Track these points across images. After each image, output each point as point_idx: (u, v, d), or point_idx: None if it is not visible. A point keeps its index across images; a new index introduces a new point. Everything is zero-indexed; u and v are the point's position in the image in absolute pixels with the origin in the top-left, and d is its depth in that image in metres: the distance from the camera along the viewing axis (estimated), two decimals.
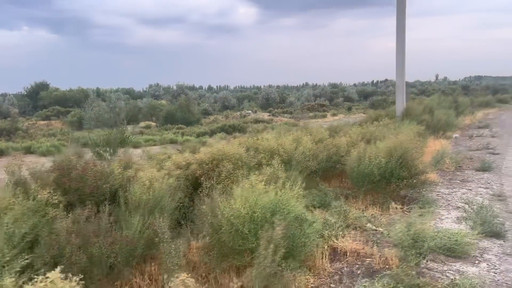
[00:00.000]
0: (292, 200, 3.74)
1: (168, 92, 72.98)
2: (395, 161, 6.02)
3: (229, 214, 3.46)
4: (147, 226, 3.66)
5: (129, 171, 4.58)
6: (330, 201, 5.94)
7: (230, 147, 5.77)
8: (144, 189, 4.06)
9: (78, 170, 4.13)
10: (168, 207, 4.08)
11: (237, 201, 3.57)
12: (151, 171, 4.68)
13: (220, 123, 37.73)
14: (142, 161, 6.27)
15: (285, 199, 3.64)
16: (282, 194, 3.76)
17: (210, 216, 3.64)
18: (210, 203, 3.79)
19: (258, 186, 3.79)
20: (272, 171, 5.55)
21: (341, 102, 59.22)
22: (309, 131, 8.92)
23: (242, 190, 3.78)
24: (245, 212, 3.43)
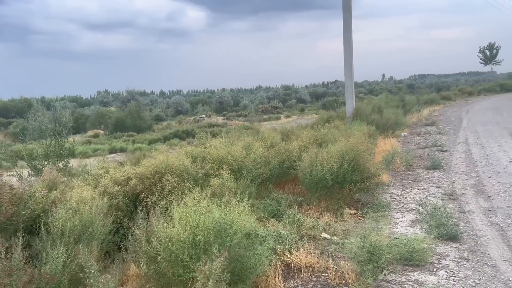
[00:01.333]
0: (240, 217, 3.37)
1: (118, 99, 70.69)
2: (347, 165, 5.83)
3: (166, 240, 3.04)
4: (71, 259, 3.15)
5: (54, 193, 4.03)
6: (283, 210, 5.64)
7: (174, 159, 5.33)
8: (70, 214, 3.54)
9: None
10: (98, 233, 3.59)
11: (176, 223, 3.15)
12: (81, 190, 4.15)
13: (173, 128, 36.81)
14: (75, 178, 5.69)
15: (231, 218, 3.26)
16: (228, 211, 3.38)
17: (145, 243, 3.20)
18: (145, 226, 3.35)
19: (200, 204, 3.39)
20: (221, 182, 5.19)
21: (294, 104, 59.85)
22: (261, 136, 8.64)
23: (183, 209, 3.36)
24: (185, 236, 3.03)
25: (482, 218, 5.53)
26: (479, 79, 71.04)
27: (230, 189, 5.15)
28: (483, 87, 45.01)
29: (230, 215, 3.28)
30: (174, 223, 3.21)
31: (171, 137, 30.99)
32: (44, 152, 10.82)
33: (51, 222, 3.47)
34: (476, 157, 9.90)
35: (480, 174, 8.10)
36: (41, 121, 39.97)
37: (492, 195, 6.62)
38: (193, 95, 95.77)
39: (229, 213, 3.32)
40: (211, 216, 3.19)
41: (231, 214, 3.32)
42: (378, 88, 63.70)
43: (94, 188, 4.98)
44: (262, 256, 3.46)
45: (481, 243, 4.68)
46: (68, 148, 11.15)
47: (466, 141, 12.44)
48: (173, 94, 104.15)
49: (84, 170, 8.22)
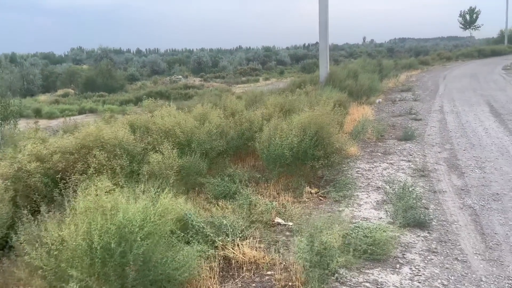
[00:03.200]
0: (156, 212, 2.70)
1: (91, 57, 67.82)
2: (308, 139, 5.18)
3: (54, 246, 2.36)
4: None
5: None
6: (236, 189, 5.01)
7: (107, 129, 4.56)
8: None
9: None
10: None
11: (70, 225, 2.46)
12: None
13: (147, 89, 35.42)
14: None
15: (141, 216, 2.58)
16: (144, 206, 2.70)
17: (29, 247, 2.50)
18: (32, 229, 2.64)
19: (104, 198, 2.69)
20: (161, 159, 4.48)
21: (273, 66, 58.54)
22: (222, 102, 7.88)
23: (87, 203, 2.66)
24: (76, 243, 2.35)
25: (455, 199, 5.04)
26: (458, 44, 70.75)
27: (171, 167, 4.47)
28: (461, 52, 44.60)
29: (142, 212, 2.59)
30: (71, 221, 2.52)
31: (144, 99, 29.80)
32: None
33: None
34: (451, 127, 9.43)
35: (454, 146, 7.63)
36: (8, 79, 37.76)
37: (466, 171, 6.15)
38: (171, 54, 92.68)
39: (144, 209, 2.63)
40: (115, 215, 2.50)
41: (145, 210, 2.63)
42: (358, 51, 62.72)
43: (10, 164, 4.23)
44: (189, 258, 2.83)
45: (452, 231, 4.18)
46: (12, 110, 10.08)
47: (442, 109, 11.97)
48: (150, 53, 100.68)
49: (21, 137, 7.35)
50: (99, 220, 2.39)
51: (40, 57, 73.40)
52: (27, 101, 30.37)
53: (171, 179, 4.37)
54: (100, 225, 2.37)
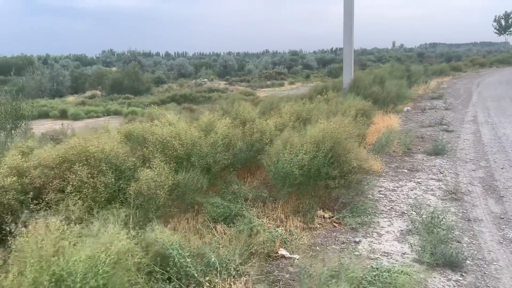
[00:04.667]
0: (112, 260, 2.16)
1: (121, 59, 68.98)
2: (322, 156, 4.55)
3: None
4: None
5: None
6: (238, 211, 4.43)
7: (93, 141, 4.08)
8: None
9: None
10: None
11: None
12: None
13: (172, 92, 35.44)
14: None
15: (90, 264, 2.04)
16: (89, 255, 2.15)
17: None
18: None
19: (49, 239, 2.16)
20: (152, 175, 3.96)
21: (299, 70, 57.89)
22: (235, 110, 7.32)
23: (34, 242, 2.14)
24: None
25: (493, 231, 4.29)
26: (492, 49, 68.03)
27: (162, 186, 3.94)
28: (496, 58, 42.61)
29: (86, 261, 2.05)
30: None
31: (168, 101, 29.72)
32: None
33: None
34: (486, 140, 8.56)
35: (490, 163, 6.81)
36: (39, 80, 38.45)
37: (505, 194, 5.36)
38: (198, 57, 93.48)
39: (89, 258, 2.09)
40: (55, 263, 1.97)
41: (92, 258, 2.09)
42: (387, 56, 61.27)
43: None
44: None
45: (491, 273, 3.47)
46: (23, 114, 9.86)
47: (476, 119, 11.03)
48: (179, 56, 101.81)
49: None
50: (33, 270, 1.87)
51: (73, 59, 75.23)
52: (55, 102, 30.88)
53: (161, 200, 3.84)
54: (33, 276, 1.85)
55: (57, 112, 26.27)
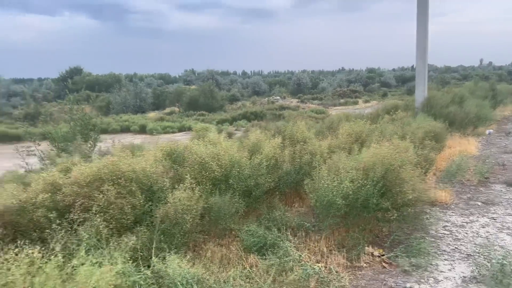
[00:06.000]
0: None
1: (200, 78, 72.11)
2: (372, 185, 4.02)
3: None
4: None
5: None
6: (275, 241, 4.05)
7: (126, 160, 3.99)
8: None
9: None
10: None
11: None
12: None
13: (244, 109, 36.03)
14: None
15: None
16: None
17: None
18: None
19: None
20: (180, 198, 3.75)
21: (376, 88, 55.88)
22: (289, 129, 6.96)
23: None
24: None
25: None
26: None
27: (190, 210, 3.70)
28: None
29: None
30: None
31: (239, 118, 30.24)
32: (71, 132, 10.15)
33: None
34: None
35: None
36: (124, 97, 41.40)
37: None
38: (273, 76, 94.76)
39: None
40: None
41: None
42: (473, 74, 56.82)
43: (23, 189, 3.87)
44: None
45: None
46: (91, 129, 10.36)
47: None
48: (254, 74, 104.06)
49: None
50: None
51: (157, 77, 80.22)
52: (136, 117, 32.85)
53: (187, 225, 3.60)
54: None
55: (137, 127, 27.81)
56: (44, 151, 8.91)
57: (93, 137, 10.08)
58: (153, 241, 3.44)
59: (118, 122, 28.39)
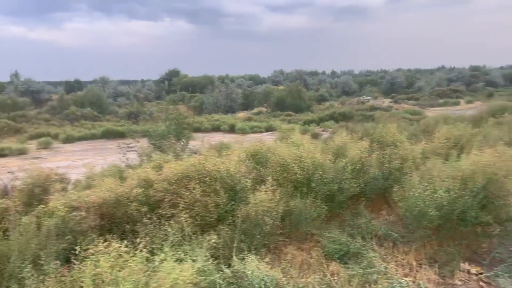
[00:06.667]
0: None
1: (288, 78, 72.51)
2: (471, 196, 3.62)
3: None
4: None
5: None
6: (359, 250, 3.86)
7: (212, 159, 4.10)
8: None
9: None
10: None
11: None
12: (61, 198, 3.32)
13: (332, 110, 35.39)
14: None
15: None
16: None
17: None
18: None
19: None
20: (260, 200, 3.74)
21: (480, 87, 51.07)
22: (379, 132, 6.61)
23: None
24: None
25: None
26: None
27: (270, 212, 3.68)
28: None
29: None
30: None
31: (326, 119, 29.80)
32: (166, 131, 10.81)
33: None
34: None
35: None
36: (216, 97, 43.37)
37: None
38: (364, 75, 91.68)
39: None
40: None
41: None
42: None
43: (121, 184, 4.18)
44: None
45: None
46: (184, 128, 10.90)
47: None
48: (344, 74, 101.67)
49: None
50: None
51: (247, 78, 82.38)
52: (227, 117, 34.06)
53: (267, 227, 3.59)
54: None
55: (227, 126, 28.79)
56: (142, 147, 9.62)
57: (186, 136, 10.63)
58: (234, 241, 3.49)
59: (210, 122, 29.68)
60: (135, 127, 23.00)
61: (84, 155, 17.78)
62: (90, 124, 28.72)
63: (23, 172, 3.81)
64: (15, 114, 30.08)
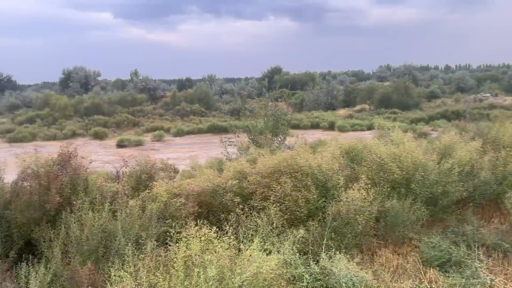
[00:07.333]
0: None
1: (395, 74, 68.88)
2: None
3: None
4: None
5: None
6: (461, 259, 3.52)
7: (304, 155, 4.08)
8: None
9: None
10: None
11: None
12: (161, 184, 3.60)
13: (444, 108, 32.78)
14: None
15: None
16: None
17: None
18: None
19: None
20: (355, 198, 3.63)
21: None
22: (494, 132, 5.95)
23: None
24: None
25: None
26: None
27: (363, 212, 3.55)
28: None
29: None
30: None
31: (437, 117, 27.70)
32: (264, 127, 11.03)
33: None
34: None
35: None
36: (316, 94, 43.10)
37: None
38: (484, 70, 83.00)
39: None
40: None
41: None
42: None
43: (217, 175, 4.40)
44: None
45: None
46: (282, 124, 10.98)
47: None
48: (460, 69, 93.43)
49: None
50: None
51: (350, 75, 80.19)
52: (327, 114, 33.63)
53: (359, 227, 3.47)
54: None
55: (326, 123, 28.42)
56: (242, 142, 9.98)
57: (283, 132, 10.74)
58: (323, 237, 3.44)
59: (309, 119, 29.57)
60: (236, 123, 23.97)
61: (191, 148, 19.10)
62: (198, 119, 30.72)
63: (133, 160, 4.23)
64: (134, 109, 33.45)
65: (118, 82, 56.96)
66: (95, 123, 26.66)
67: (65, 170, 3.28)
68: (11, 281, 2.65)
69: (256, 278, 2.10)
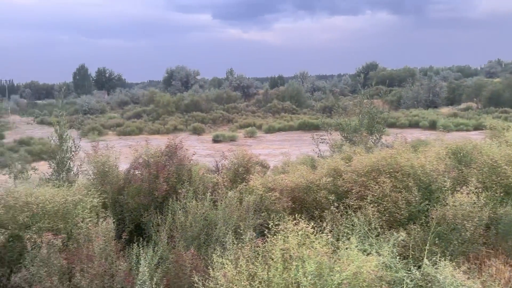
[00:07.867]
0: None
1: (507, 69, 62.11)
2: None
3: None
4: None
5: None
6: None
7: (405, 154, 3.87)
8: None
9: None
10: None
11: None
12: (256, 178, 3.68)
13: None
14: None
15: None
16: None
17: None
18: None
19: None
20: (463, 202, 3.35)
21: None
22: None
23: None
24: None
25: None
26: None
27: (472, 218, 3.25)
28: None
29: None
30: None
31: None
32: (359, 124, 10.67)
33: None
34: None
35: None
36: (416, 91, 40.72)
37: None
38: None
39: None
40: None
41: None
42: None
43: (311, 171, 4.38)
44: None
45: None
46: (378, 122, 10.52)
47: None
48: None
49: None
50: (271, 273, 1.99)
51: (454, 70, 74.06)
52: (427, 113, 31.51)
53: (467, 233, 3.18)
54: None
55: (426, 122, 26.73)
56: (334, 140, 9.80)
57: (379, 130, 10.30)
58: (426, 242, 3.24)
59: (407, 117, 28.02)
60: (328, 120, 23.58)
61: (282, 145, 19.32)
62: (289, 117, 30.89)
63: (231, 154, 4.41)
64: (228, 106, 34.82)
65: (215, 81, 59.79)
66: (194, 119, 28.36)
67: (172, 160, 3.56)
68: (124, 260, 2.93)
69: (355, 278, 2.05)
